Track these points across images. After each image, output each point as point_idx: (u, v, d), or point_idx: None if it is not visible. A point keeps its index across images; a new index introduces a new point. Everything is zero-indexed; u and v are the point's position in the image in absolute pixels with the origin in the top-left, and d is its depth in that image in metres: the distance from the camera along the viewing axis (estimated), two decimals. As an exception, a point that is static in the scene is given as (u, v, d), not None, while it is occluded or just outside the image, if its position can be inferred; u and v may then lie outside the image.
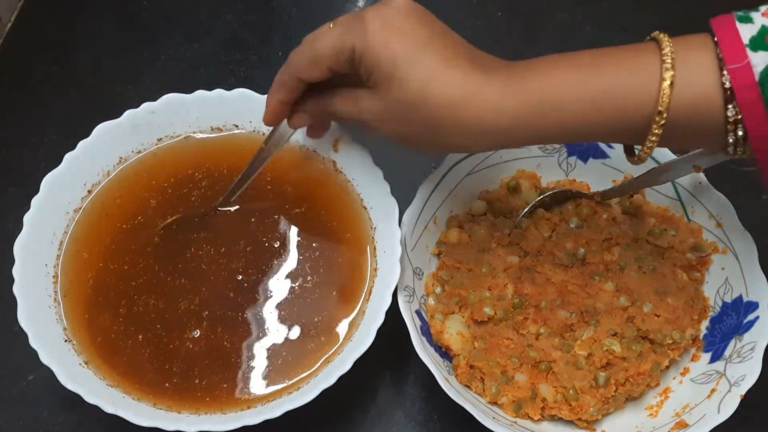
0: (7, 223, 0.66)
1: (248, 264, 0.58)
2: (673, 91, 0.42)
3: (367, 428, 0.59)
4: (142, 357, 0.54)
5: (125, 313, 0.56)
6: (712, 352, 0.57)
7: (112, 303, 0.56)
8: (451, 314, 0.58)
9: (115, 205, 0.60)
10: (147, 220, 0.59)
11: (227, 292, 0.57)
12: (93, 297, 0.56)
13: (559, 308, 0.58)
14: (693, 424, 0.53)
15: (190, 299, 0.56)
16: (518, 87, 0.46)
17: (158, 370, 0.54)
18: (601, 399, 0.55)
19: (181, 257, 0.58)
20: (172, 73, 0.76)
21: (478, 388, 0.56)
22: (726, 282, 0.59)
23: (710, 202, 0.60)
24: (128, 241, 0.58)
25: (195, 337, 0.55)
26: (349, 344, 0.54)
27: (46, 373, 0.50)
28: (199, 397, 0.53)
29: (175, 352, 0.54)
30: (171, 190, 0.61)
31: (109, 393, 0.52)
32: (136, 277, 0.57)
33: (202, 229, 0.59)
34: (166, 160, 0.62)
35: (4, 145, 0.73)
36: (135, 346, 0.54)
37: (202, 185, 0.61)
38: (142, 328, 0.55)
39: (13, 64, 0.78)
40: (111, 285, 0.57)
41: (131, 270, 0.57)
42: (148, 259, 0.58)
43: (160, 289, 0.56)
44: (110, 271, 0.57)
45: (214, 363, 0.54)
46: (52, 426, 0.59)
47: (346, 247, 0.58)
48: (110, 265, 0.57)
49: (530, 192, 0.63)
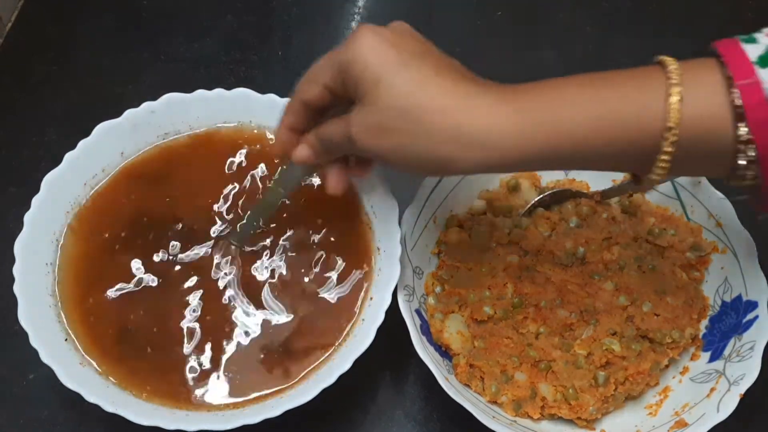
0: (7, 223, 0.66)
1: (248, 263, 0.58)
2: (682, 107, 0.41)
3: (366, 427, 0.59)
4: (143, 356, 0.54)
5: (126, 312, 0.56)
6: (711, 351, 0.57)
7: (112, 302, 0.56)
8: (451, 313, 0.58)
9: (116, 205, 0.60)
10: (148, 219, 0.59)
11: (227, 291, 0.57)
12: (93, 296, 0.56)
13: (558, 307, 0.58)
14: (692, 423, 0.53)
15: (190, 298, 0.56)
16: (513, 102, 0.44)
17: (158, 368, 0.54)
18: (601, 398, 0.55)
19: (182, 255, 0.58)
20: (172, 73, 0.76)
21: (478, 387, 0.56)
22: (725, 281, 0.59)
23: (710, 202, 0.60)
24: (129, 240, 0.58)
25: (195, 336, 0.55)
26: (349, 343, 0.54)
27: (46, 372, 0.50)
28: (199, 396, 0.53)
29: (175, 351, 0.54)
30: (171, 190, 0.61)
31: (110, 392, 0.52)
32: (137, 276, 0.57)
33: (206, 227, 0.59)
34: (166, 159, 0.62)
35: (4, 144, 0.73)
36: (135, 345, 0.54)
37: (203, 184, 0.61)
38: (143, 327, 0.55)
39: (14, 63, 0.78)
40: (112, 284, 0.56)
41: (132, 269, 0.57)
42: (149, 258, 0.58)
43: (161, 289, 0.56)
44: (111, 271, 0.57)
45: (215, 362, 0.54)
46: (53, 425, 0.59)
47: (346, 247, 0.58)
48: (111, 265, 0.57)
49: (530, 191, 0.63)
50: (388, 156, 0.46)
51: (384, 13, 0.82)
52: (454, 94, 0.44)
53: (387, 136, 0.45)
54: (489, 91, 0.44)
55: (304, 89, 0.50)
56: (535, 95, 0.44)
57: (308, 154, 0.52)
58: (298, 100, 0.50)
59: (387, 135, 0.45)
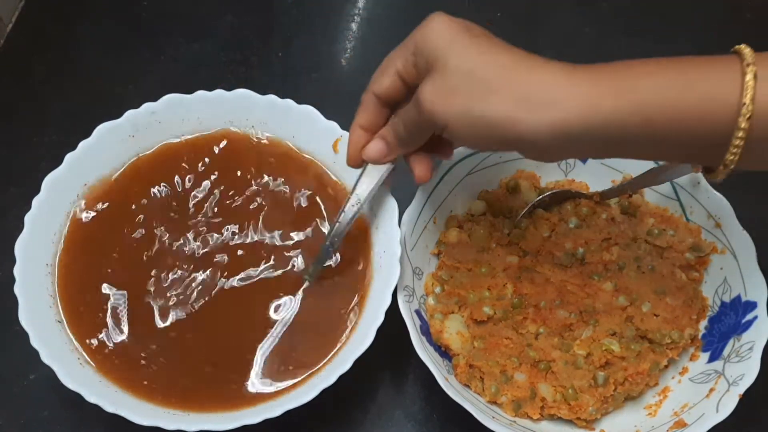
0: (7, 223, 0.66)
1: (247, 264, 0.58)
2: (757, 85, 0.41)
3: (366, 427, 0.59)
4: (143, 357, 0.54)
5: (126, 312, 0.56)
6: (710, 352, 0.58)
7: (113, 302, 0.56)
8: (451, 314, 0.59)
9: (116, 205, 0.60)
10: (148, 219, 0.59)
11: (228, 291, 0.57)
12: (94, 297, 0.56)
13: (558, 308, 0.58)
14: (692, 423, 0.53)
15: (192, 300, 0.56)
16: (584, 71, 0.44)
17: (158, 369, 0.54)
18: (600, 398, 0.56)
19: (180, 257, 0.58)
20: (173, 74, 0.76)
21: (478, 387, 0.56)
22: (725, 282, 0.59)
23: (709, 202, 0.60)
24: (129, 241, 0.58)
25: (195, 336, 0.55)
26: (349, 344, 0.54)
27: (47, 372, 0.50)
28: (199, 396, 0.53)
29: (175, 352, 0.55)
30: (172, 190, 0.61)
31: (110, 392, 0.52)
32: (138, 276, 0.57)
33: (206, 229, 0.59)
34: (166, 160, 0.62)
35: (5, 145, 0.73)
36: (136, 345, 0.55)
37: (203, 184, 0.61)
38: (144, 327, 0.55)
39: (14, 64, 0.78)
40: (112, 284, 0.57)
41: (132, 269, 0.57)
42: (149, 258, 0.58)
43: (161, 289, 0.57)
44: (111, 271, 0.57)
45: (215, 363, 0.54)
46: (53, 425, 0.59)
47: (347, 247, 0.58)
48: (111, 265, 0.57)
49: (529, 192, 0.63)
50: (456, 123, 0.46)
51: (384, 13, 0.82)
52: (522, 58, 0.45)
53: (455, 98, 0.45)
54: (558, 63, 0.45)
55: (376, 81, 0.50)
56: (609, 67, 0.44)
57: (381, 148, 0.52)
58: (369, 94, 0.51)
59: (455, 97, 0.45)
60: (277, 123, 0.62)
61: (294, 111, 0.61)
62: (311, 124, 0.61)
